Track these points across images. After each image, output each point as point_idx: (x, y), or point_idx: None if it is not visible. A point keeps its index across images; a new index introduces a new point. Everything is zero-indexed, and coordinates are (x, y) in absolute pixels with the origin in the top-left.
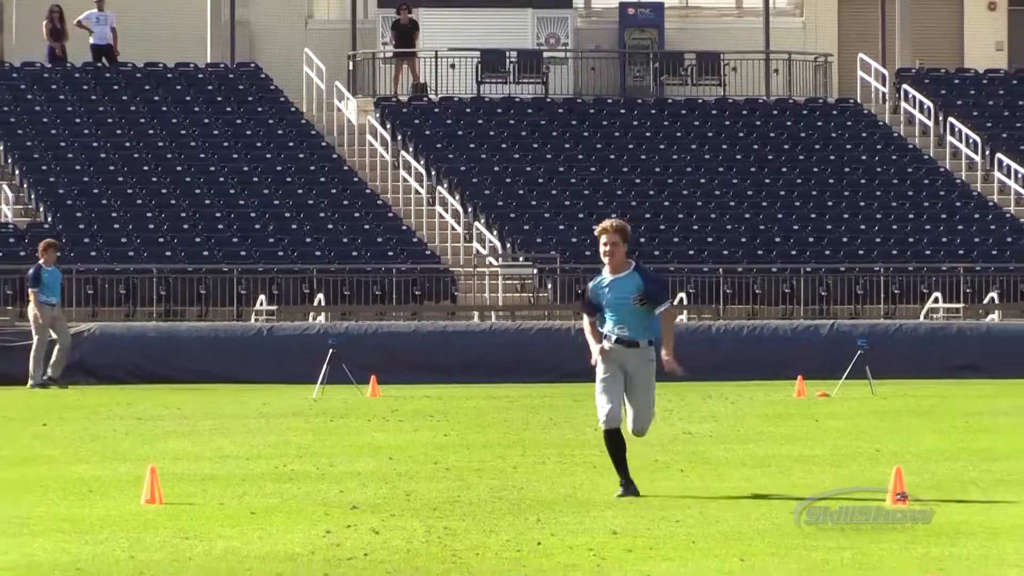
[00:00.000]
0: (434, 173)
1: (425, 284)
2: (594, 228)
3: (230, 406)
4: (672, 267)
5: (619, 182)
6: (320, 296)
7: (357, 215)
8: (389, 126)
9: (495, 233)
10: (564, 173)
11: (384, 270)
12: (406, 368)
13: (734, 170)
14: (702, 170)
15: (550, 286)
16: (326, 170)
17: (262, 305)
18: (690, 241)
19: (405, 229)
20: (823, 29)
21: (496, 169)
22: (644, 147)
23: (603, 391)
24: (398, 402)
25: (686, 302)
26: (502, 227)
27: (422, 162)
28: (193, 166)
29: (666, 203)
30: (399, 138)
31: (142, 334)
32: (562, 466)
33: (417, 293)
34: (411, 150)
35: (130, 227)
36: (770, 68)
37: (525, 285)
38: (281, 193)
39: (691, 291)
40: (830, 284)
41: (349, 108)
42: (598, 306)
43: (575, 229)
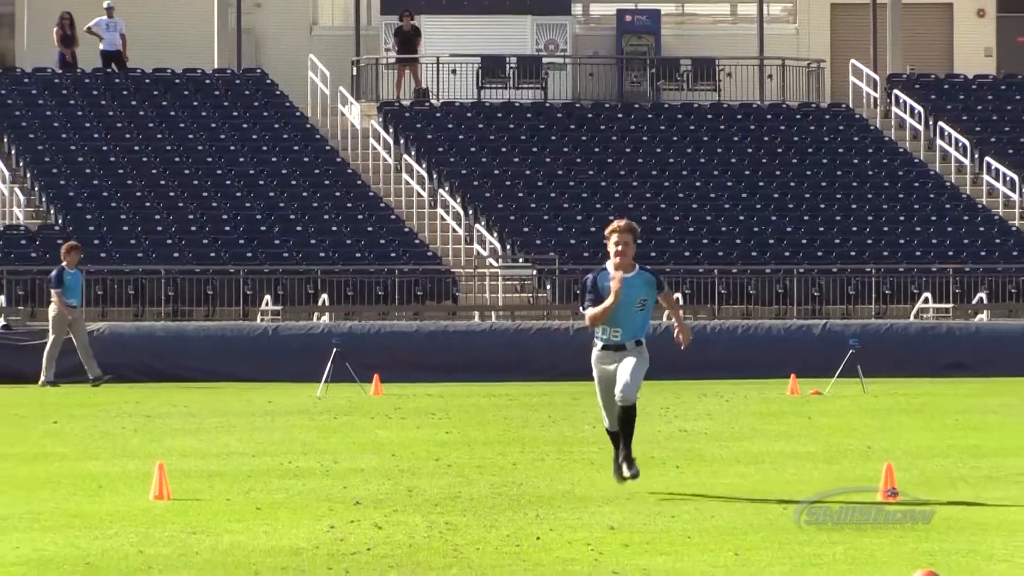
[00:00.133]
0: (436, 176)
1: (427, 285)
2: (604, 229)
3: (236, 404)
4: (668, 268)
5: (616, 185)
6: (324, 296)
7: (360, 217)
8: (392, 130)
9: (495, 235)
10: (563, 176)
11: (387, 271)
12: (408, 367)
13: (729, 173)
14: (697, 173)
15: (549, 287)
16: (330, 173)
17: (268, 305)
18: (686, 242)
19: (407, 231)
20: (816, 35)
21: (496, 172)
22: (641, 151)
23: (604, 396)
24: (400, 400)
25: (682, 302)
26: (502, 229)
27: (424, 165)
28: (200, 169)
29: (662, 205)
30: (401, 142)
31: (150, 334)
32: (561, 463)
33: (419, 293)
34: (413, 154)
35: (139, 229)
36: (764, 74)
37: (525, 286)
38: (286, 196)
39: (687, 291)
40: (823, 285)
41: (353, 113)
42: (603, 299)
43: (574, 231)
